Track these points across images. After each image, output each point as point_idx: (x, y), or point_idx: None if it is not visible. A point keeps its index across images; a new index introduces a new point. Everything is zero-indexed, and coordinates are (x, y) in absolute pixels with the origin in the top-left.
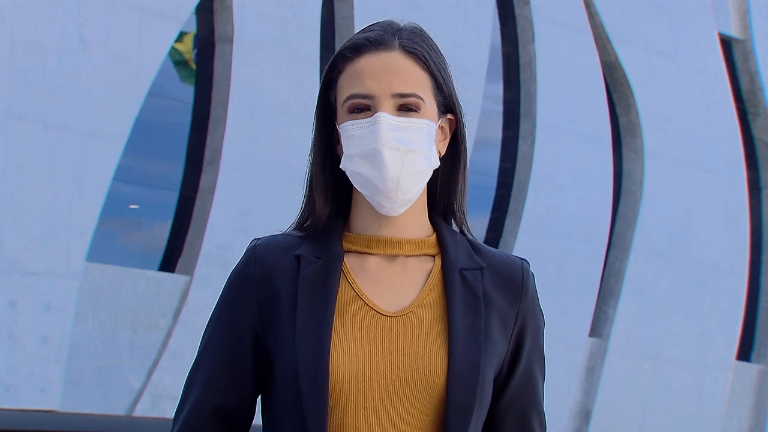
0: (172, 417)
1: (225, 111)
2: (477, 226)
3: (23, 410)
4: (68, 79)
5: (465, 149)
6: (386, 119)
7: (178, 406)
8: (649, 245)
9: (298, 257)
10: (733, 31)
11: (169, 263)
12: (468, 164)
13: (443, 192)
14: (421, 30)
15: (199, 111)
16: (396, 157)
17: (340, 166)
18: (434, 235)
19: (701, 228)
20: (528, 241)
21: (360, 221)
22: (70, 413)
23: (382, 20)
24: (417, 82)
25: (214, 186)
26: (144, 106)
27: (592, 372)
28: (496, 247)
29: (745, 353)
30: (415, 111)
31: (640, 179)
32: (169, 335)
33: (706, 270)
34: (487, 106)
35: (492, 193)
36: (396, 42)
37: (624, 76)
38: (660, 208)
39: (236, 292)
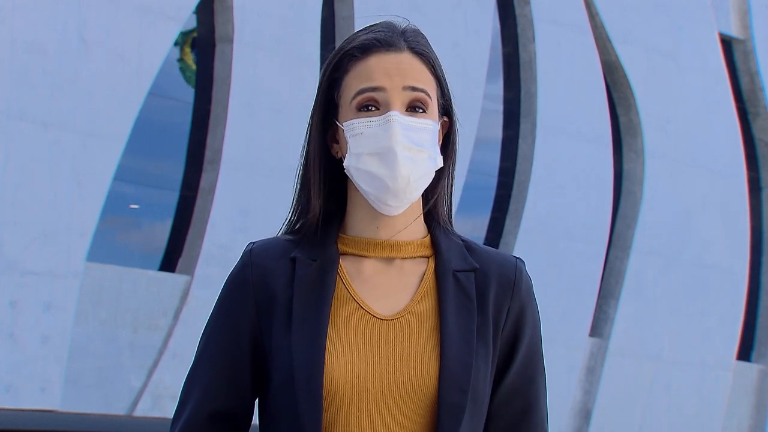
0: (171, 418)
1: (225, 111)
2: (477, 226)
3: (23, 410)
4: (68, 79)
5: (455, 152)
6: (399, 118)
7: (177, 409)
8: (649, 245)
9: (293, 260)
10: (734, 31)
11: (169, 263)
12: (456, 167)
13: (432, 192)
14: (422, 33)
15: (200, 111)
16: (408, 157)
17: (344, 164)
18: (428, 237)
19: (701, 228)
20: (528, 241)
21: (357, 223)
22: (71, 413)
23: (383, 21)
24: (426, 82)
25: (215, 186)
26: (144, 106)
27: (593, 372)
28: (497, 247)
29: (745, 353)
30: (423, 111)
31: (641, 179)
32: (169, 335)
33: (706, 270)
34: (488, 105)
35: (492, 193)
36: (404, 43)
37: (624, 75)
38: (660, 208)
39: (233, 296)
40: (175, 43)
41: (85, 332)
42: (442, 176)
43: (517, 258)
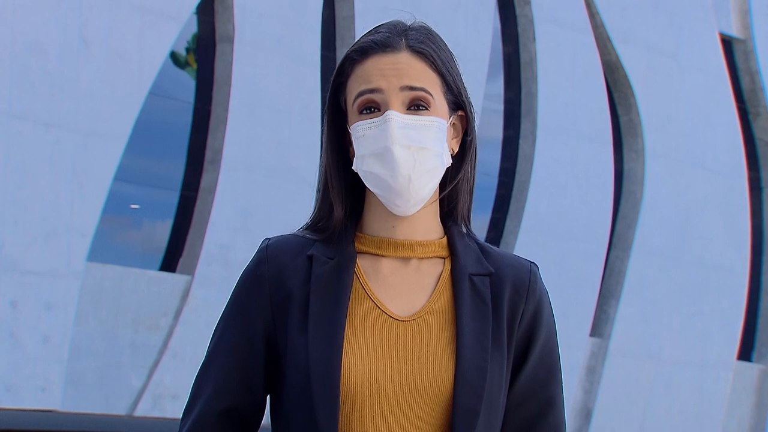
0: (176, 416)
1: (226, 111)
2: (478, 225)
3: (24, 410)
4: (69, 79)
5: (475, 147)
6: (396, 117)
7: (187, 406)
8: (649, 245)
9: (310, 258)
10: (734, 31)
11: (170, 263)
12: (477, 162)
13: (451, 190)
14: (429, 29)
15: (200, 111)
16: (407, 155)
17: (353, 167)
18: (445, 238)
19: (702, 228)
20: (529, 241)
21: (373, 222)
22: (71, 413)
23: (390, 21)
24: (426, 79)
25: (215, 186)
26: (144, 106)
27: (593, 372)
28: (497, 247)
29: (745, 353)
30: (425, 109)
31: (641, 179)
32: (170, 335)
33: (707, 270)
34: (488, 105)
35: (493, 193)
36: (403, 43)
37: (625, 75)
38: (661, 207)
39: (248, 293)
40: (185, 49)
41: (86, 332)
42: (461, 176)
43: (531, 262)
